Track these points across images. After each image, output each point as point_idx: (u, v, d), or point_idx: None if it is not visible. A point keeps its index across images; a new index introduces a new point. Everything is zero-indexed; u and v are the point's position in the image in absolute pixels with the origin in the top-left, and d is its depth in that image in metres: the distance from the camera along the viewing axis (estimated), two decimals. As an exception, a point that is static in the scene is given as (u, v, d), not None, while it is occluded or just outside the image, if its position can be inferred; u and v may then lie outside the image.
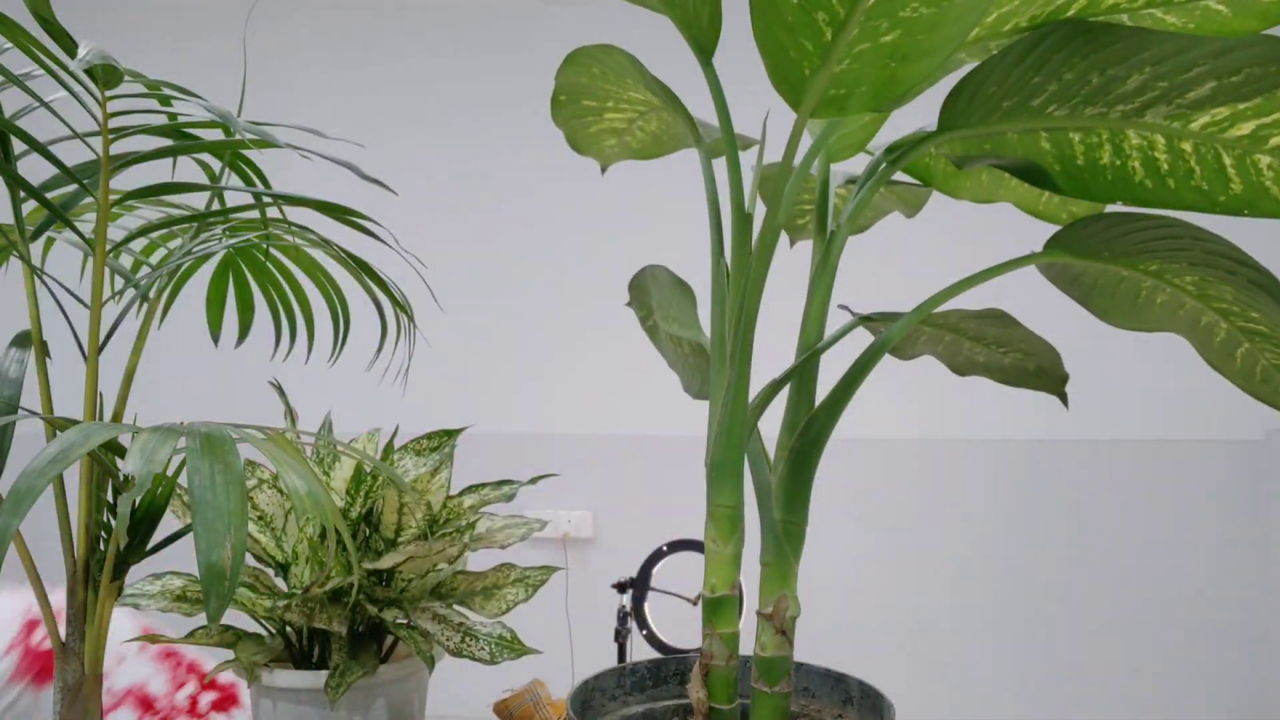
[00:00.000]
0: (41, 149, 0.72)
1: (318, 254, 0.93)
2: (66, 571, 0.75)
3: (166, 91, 0.79)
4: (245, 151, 0.87)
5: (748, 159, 0.78)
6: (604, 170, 0.99)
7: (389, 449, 0.97)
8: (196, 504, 0.55)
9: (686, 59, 0.71)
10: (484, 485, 1.02)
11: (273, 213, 0.86)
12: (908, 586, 3.12)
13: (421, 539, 0.91)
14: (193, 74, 1.16)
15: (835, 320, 0.78)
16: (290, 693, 0.86)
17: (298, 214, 0.84)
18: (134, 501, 0.75)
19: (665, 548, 2.31)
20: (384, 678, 0.87)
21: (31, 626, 1.22)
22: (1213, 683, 3.04)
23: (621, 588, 2.29)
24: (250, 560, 0.93)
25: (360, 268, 0.85)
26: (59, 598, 0.76)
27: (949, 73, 0.71)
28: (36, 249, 0.84)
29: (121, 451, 0.77)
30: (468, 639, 0.89)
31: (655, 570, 2.26)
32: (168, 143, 0.81)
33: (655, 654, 1.45)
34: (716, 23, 0.68)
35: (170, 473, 0.73)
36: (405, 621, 0.89)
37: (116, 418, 0.80)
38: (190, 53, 3.06)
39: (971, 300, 0.78)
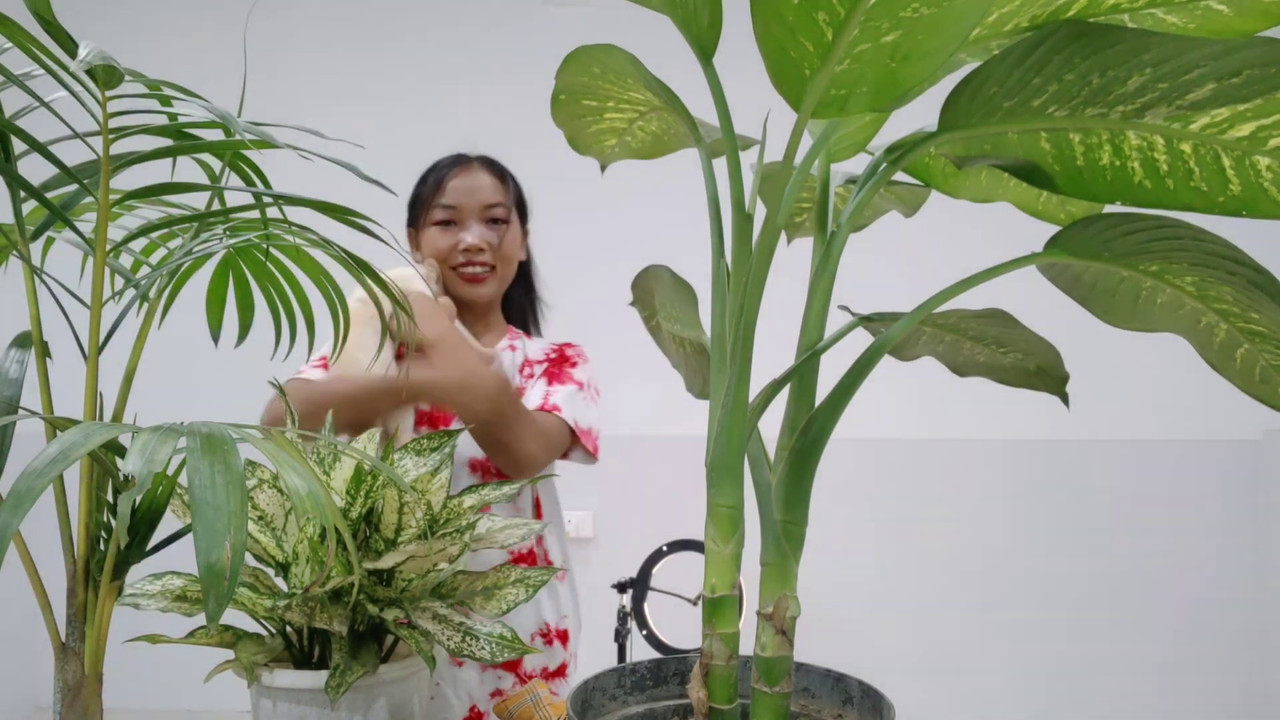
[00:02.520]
0: (41, 149, 0.72)
1: (318, 254, 0.93)
2: (66, 571, 0.75)
3: (166, 91, 0.79)
4: (245, 151, 0.87)
5: (748, 159, 0.78)
6: (604, 170, 0.99)
7: (389, 449, 0.98)
8: (196, 504, 0.55)
9: (686, 59, 0.71)
10: (484, 485, 1.02)
11: (273, 213, 0.86)
12: (908, 586, 3.13)
13: (421, 539, 0.91)
14: (193, 74, 1.16)
15: (835, 320, 0.78)
16: (290, 693, 0.86)
17: (298, 214, 0.84)
18: (134, 501, 0.75)
19: (665, 548, 2.31)
20: (384, 678, 0.87)
21: None
22: (1212, 682, 3.04)
23: (621, 588, 2.29)
24: (250, 560, 0.93)
25: (360, 268, 0.85)
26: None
27: (949, 73, 0.71)
28: (36, 249, 0.84)
29: (121, 451, 0.77)
30: (468, 639, 0.89)
31: (655, 570, 2.26)
32: (168, 143, 0.81)
33: (655, 654, 1.46)
34: (717, 23, 0.68)
35: (170, 473, 0.73)
36: (406, 621, 0.89)
37: (116, 418, 0.80)
38: (190, 52, 3.06)
39: (972, 300, 0.78)
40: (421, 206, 1.56)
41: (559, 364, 1.60)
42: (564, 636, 1.56)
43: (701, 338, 1.01)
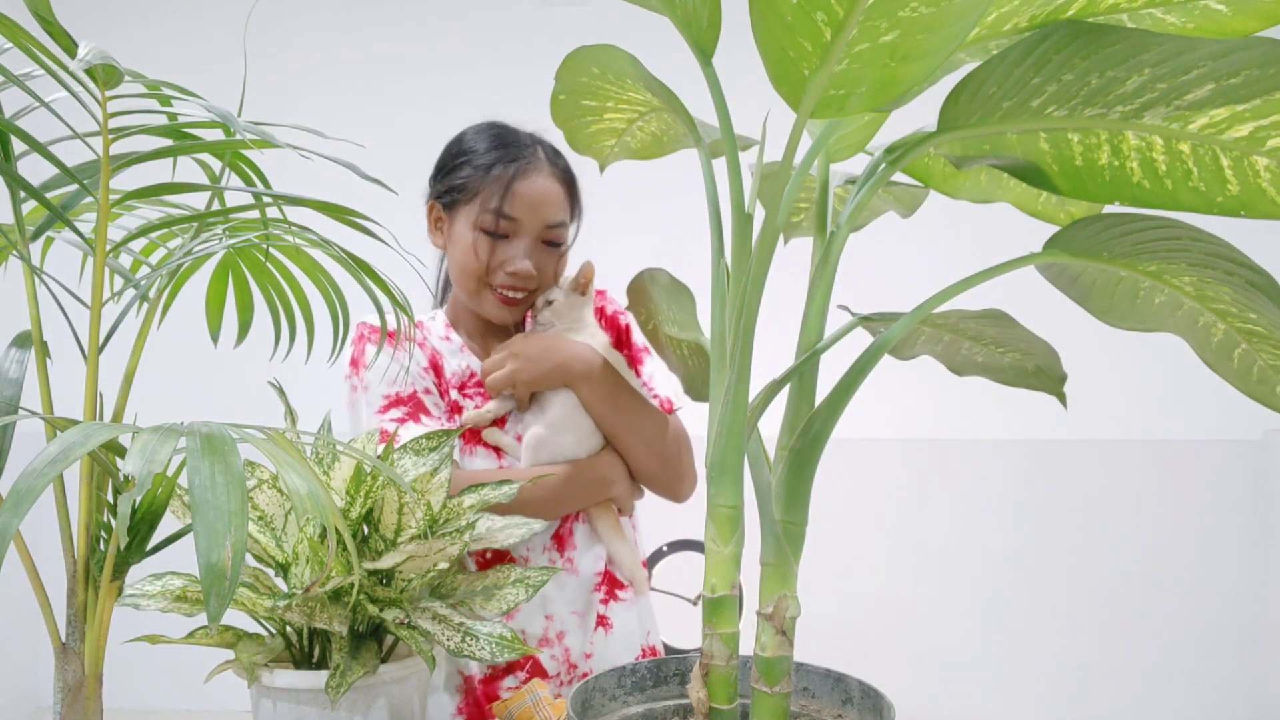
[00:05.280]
0: (41, 149, 0.72)
1: (318, 254, 0.93)
2: (66, 571, 0.75)
3: (166, 91, 0.79)
4: (245, 151, 0.87)
5: (748, 159, 0.78)
6: (603, 170, 0.99)
7: (389, 449, 0.98)
8: (196, 504, 0.55)
9: (686, 59, 0.71)
10: (484, 485, 1.02)
11: (273, 213, 0.86)
12: (907, 586, 3.13)
13: (421, 539, 0.91)
14: (193, 74, 1.16)
15: (835, 320, 0.78)
16: (290, 693, 0.86)
17: (298, 214, 0.84)
18: (134, 501, 0.75)
19: (665, 548, 2.31)
20: (384, 678, 0.87)
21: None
22: (1211, 682, 3.04)
23: (621, 588, 2.27)
24: (250, 560, 0.93)
25: (360, 268, 0.85)
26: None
27: (949, 73, 0.72)
28: (36, 249, 0.84)
29: (121, 451, 0.77)
30: (468, 639, 0.89)
31: (655, 570, 2.26)
32: (168, 143, 0.81)
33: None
34: (716, 23, 0.68)
35: (170, 473, 0.73)
36: (405, 621, 0.89)
37: (116, 418, 0.80)
38: (190, 53, 3.06)
39: (971, 300, 0.78)
40: (467, 195, 1.28)
41: (620, 335, 1.36)
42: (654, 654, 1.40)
43: (699, 339, 1.02)
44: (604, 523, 1.31)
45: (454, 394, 1.31)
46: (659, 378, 1.34)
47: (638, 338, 1.36)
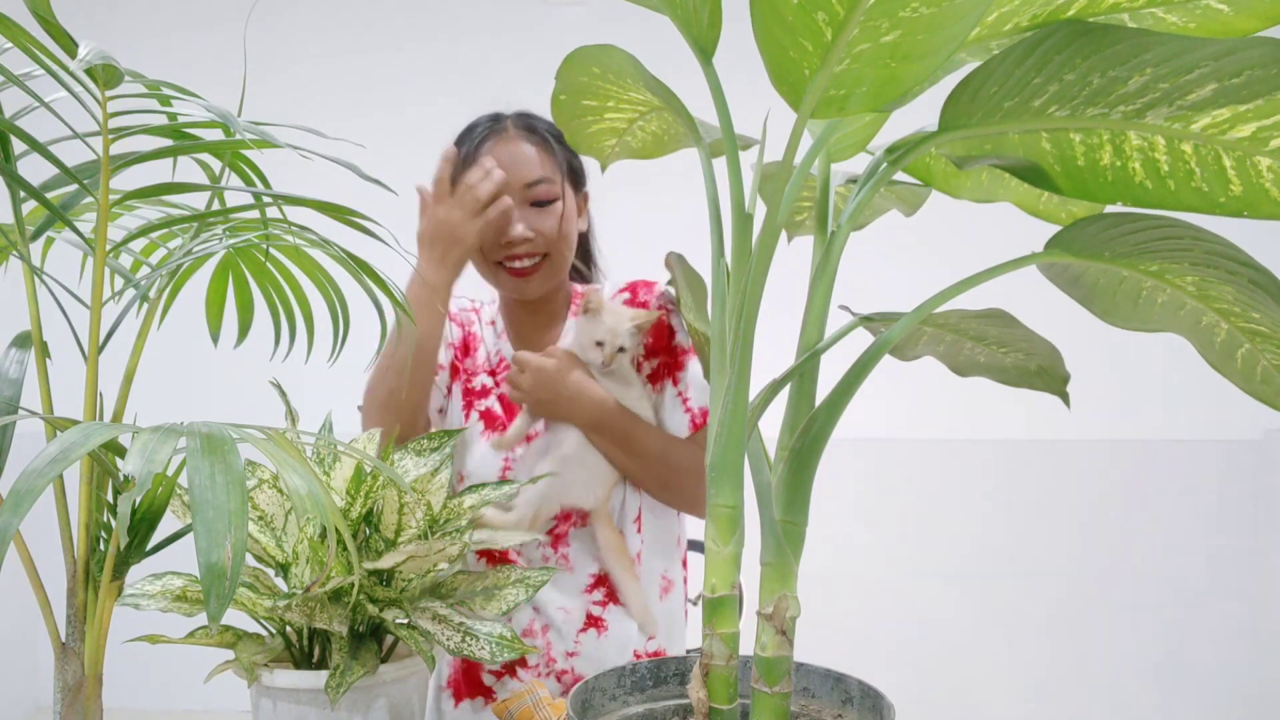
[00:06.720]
0: (41, 149, 0.72)
1: (318, 254, 0.93)
2: (66, 571, 0.75)
3: (166, 91, 0.79)
4: (245, 151, 0.87)
5: (748, 159, 0.78)
6: (604, 170, 0.99)
7: (389, 449, 0.98)
8: (196, 504, 0.55)
9: (686, 59, 0.71)
10: (484, 485, 1.02)
11: (273, 213, 0.86)
12: (907, 586, 3.13)
13: (421, 539, 0.91)
14: (193, 74, 1.16)
15: (835, 320, 0.78)
16: (290, 693, 0.86)
17: (298, 214, 0.84)
18: (134, 501, 0.75)
19: (665, 547, 2.30)
20: (384, 678, 0.87)
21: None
22: (1211, 681, 3.04)
23: (621, 587, 2.27)
24: (250, 560, 0.93)
25: (360, 268, 0.85)
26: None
27: (950, 73, 0.71)
28: (36, 249, 0.84)
29: (121, 451, 0.77)
30: (468, 639, 0.89)
31: (655, 570, 2.25)
32: (168, 143, 0.81)
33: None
34: (717, 23, 0.68)
35: (170, 473, 0.73)
36: (405, 621, 0.89)
37: (116, 418, 0.80)
38: (190, 52, 3.06)
39: (972, 300, 0.78)
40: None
41: (662, 338, 1.33)
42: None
43: (709, 330, 1.01)
44: (613, 558, 1.29)
45: (483, 376, 1.35)
46: (695, 387, 1.31)
47: (681, 339, 1.33)
